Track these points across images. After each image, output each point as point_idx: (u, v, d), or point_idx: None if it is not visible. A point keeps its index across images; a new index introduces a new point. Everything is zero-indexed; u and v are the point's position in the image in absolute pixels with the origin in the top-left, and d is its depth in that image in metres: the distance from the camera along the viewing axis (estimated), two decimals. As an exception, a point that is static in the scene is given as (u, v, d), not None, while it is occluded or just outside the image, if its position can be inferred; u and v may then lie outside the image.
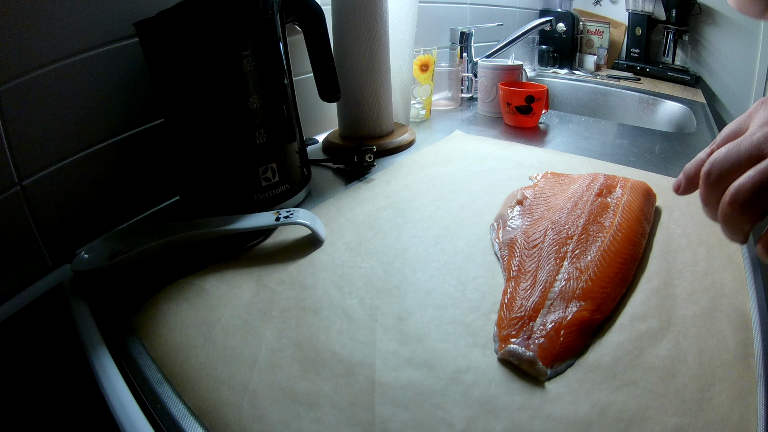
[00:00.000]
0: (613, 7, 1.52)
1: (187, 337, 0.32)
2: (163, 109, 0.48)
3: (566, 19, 1.42)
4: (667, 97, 1.09)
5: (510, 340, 0.30)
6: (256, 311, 0.34)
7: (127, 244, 0.40)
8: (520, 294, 0.34)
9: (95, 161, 0.46)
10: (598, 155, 0.64)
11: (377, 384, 0.28)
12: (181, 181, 0.51)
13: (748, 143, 0.26)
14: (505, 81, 0.84)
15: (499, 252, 0.40)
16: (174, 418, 0.26)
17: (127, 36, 0.46)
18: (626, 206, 0.42)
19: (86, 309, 0.35)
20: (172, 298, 0.36)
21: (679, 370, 0.28)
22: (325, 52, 0.54)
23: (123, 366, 0.30)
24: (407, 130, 0.73)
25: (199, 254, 0.41)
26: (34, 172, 0.41)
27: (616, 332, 0.31)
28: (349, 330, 0.32)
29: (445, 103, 0.97)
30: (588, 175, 0.50)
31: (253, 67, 0.43)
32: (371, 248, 0.42)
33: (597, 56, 1.47)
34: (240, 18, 0.42)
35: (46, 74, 0.40)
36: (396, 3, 0.70)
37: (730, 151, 0.26)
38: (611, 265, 0.36)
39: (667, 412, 0.25)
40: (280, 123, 0.48)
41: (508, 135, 0.76)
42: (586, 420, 0.25)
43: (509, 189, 0.52)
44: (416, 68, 0.80)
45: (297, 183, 0.51)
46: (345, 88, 0.63)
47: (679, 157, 0.65)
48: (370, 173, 0.60)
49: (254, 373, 0.28)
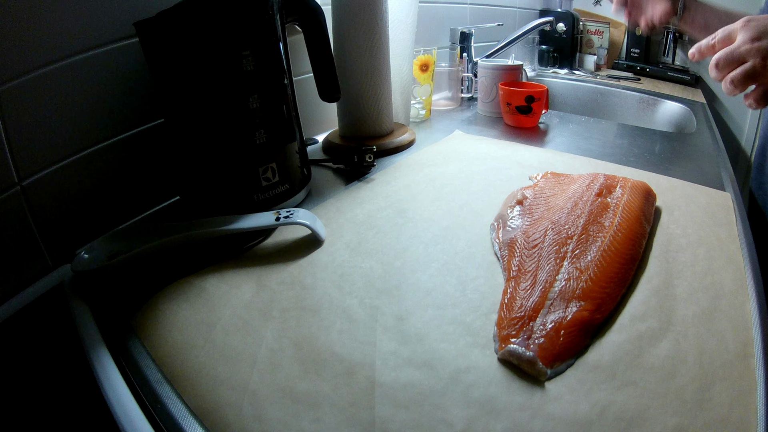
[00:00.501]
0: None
1: (187, 337, 0.32)
2: (163, 109, 0.48)
3: (566, 19, 1.42)
4: (667, 97, 1.09)
5: (510, 340, 0.30)
6: (256, 311, 0.34)
7: (127, 244, 0.40)
8: (520, 294, 0.34)
9: (95, 161, 0.46)
10: (598, 155, 0.64)
11: (377, 384, 0.28)
12: (181, 181, 0.51)
13: (738, 53, 0.48)
14: (505, 81, 0.84)
15: (499, 252, 0.40)
16: (174, 418, 0.26)
17: (127, 36, 0.46)
18: (626, 206, 0.42)
19: (86, 309, 0.35)
20: (172, 298, 0.36)
21: (679, 370, 0.28)
22: (325, 52, 0.54)
23: (123, 366, 0.30)
24: (407, 130, 0.73)
25: (199, 254, 0.41)
26: (34, 172, 0.41)
27: (616, 332, 0.31)
28: (349, 330, 0.32)
29: (445, 103, 0.97)
30: (588, 175, 0.50)
31: (253, 67, 0.43)
32: (371, 248, 0.42)
33: (597, 56, 1.47)
34: (240, 18, 0.42)
35: (46, 74, 0.40)
36: (396, 3, 0.70)
37: (728, 54, 0.49)
38: (611, 265, 0.36)
39: (667, 412, 0.25)
40: (280, 123, 0.48)
41: (508, 135, 0.76)
42: (586, 420, 0.25)
43: (509, 189, 0.52)
44: (416, 68, 0.80)
45: (297, 183, 0.51)
46: (345, 88, 0.63)
47: (679, 157, 0.65)
48: (370, 173, 0.60)
49: (254, 373, 0.28)
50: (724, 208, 0.47)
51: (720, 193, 0.51)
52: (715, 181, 0.55)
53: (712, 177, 0.57)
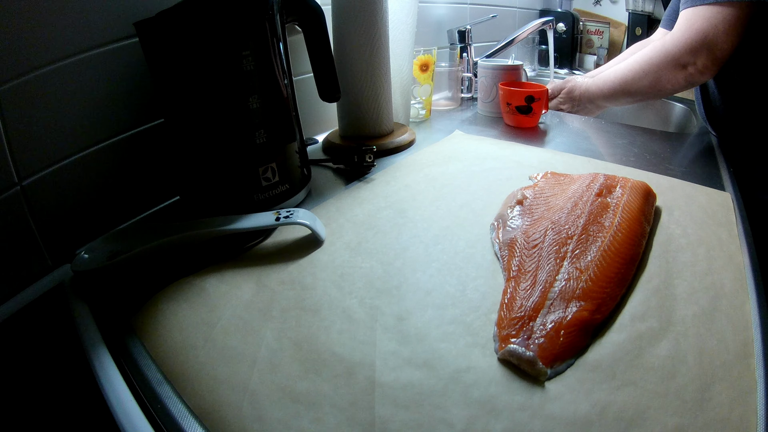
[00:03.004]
0: (613, 7, 1.52)
1: (187, 337, 0.32)
2: (163, 109, 0.48)
3: (566, 19, 1.42)
4: (667, 97, 1.09)
5: (510, 340, 0.30)
6: (256, 311, 0.34)
7: (127, 244, 0.40)
8: (520, 294, 0.34)
9: (95, 161, 0.46)
10: (598, 155, 0.64)
11: (377, 384, 0.28)
12: (181, 181, 0.51)
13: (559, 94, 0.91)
14: (505, 81, 0.84)
15: (499, 252, 0.40)
16: (174, 418, 0.26)
17: (127, 36, 0.46)
18: (626, 206, 0.42)
19: (86, 309, 0.35)
20: (172, 298, 0.36)
21: (679, 370, 0.28)
22: (325, 52, 0.54)
23: (123, 366, 0.30)
24: (407, 130, 0.73)
25: (199, 254, 0.41)
26: (34, 172, 0.41)
27: (616, 332, 0.31)
28: (349, 330, 0.32)
29: (445, 103, 0.97)
30: (588, 175, 0.50)
31: (253, 67, 0.43)
32: (371, 248, 0.42)
33: (597, 56, 1.47)
34: (240, 18, 0.41)
35: (46, 74, 0.40)
36: (396, 3, 0.70)
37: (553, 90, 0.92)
38: (611, 265, 0.36)
39: (667, 412, 0.25)
40: (280, 123, 0.48)
41: (508, 135, 0.76)
42: (586, 420, 0.25)
43: (509, 189, 0.52)
44: (416, 68, 0.80)
45: (297, 183, 0.51)
46: (345, 88, 0.63)
47: (679, 157, 0.65)
48: (370, 173, 0.60)
49: (254, 373, 0.28)
50: (724, 208, 0.47)
51: (720, 193, 0.51)
52: (715, 181, 0.55)
53: (712, 177, 0.57)
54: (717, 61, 0.62)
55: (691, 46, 0.63)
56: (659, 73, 0.69)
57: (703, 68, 0.64)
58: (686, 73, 0.66)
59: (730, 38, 0.60)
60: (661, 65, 0.69)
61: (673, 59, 0.66)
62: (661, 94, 0.73)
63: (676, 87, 0.69)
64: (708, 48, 0.62)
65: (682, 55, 0.65)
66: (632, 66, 0.74)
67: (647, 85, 0.72)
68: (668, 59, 0.67)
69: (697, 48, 0.63)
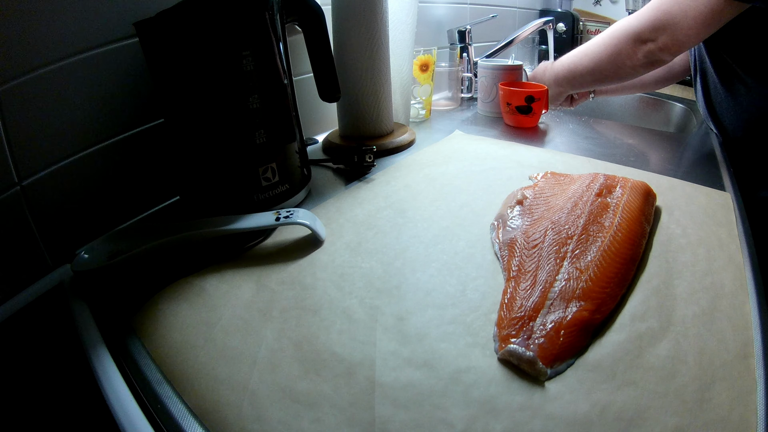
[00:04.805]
0: (613, 7, 1.52)
1: (187, 337, 0.32)
2: (163, 109, 0.48)
3: (566, 19, 1.42)
4: (667, 97, 1.09)
5: (510, 340, 0.30)
6: (256, 311, 0.34)
7: (127, 244, 0.40)
8: (520, 294, 0.34)
9: (95, 161, 0.46)
10: (598, 155, 0.64)
11: (377, 384, 0.28)
12: (181, 181, 0.51)
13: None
14: (505, 81, 0.84)
15: (499, 252, 0.40)
16: (174, 418, 0.26)
17: (127, 36, 0.46)
18: (626, 206, 0.42)
19: (86, 309, 0.35)
20: (172, 298, 0.36)
21: (679, 370, 0.28)
22: (325, 52, 0.54)
23: (123, 366, 0.30)
24: (407, 130, 0.73)
25: (199, 254, 0.41)
26: (34, 172, 0.41)
27: (616, 332, 0.31)
28: (349, 330, 0.32)
29: (445, 103, 0.97)
30: (588, 175, 0.50)
31: (253, 67, 0.43)
32: (371, 248, 0.42)
33: (597, 56, 1.47)
34: (240, 18, 0.41)
35: (46, 74, 0.40)
36: (396, 3, 0.70)
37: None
38: (611, 265, 0.36)
39: (667, 412, 0.25)
40: (280, 123, 0.48)
41: (508, 135, 0.76)
42: (586, 420, 0.25)
43: (509, 189, 0.52)
44: (416, 68, 0.80)
45: (297, 183, 0.51)
46: (345, 88, 0.63)
47: (679, 157, 0.65)
48: (370, 173, 0.60)
49: (254, 373, 0.28)
50: (724, 208, 0.47)
51: (720, 193, 0.51)
52: (715, 181, 0.55)
53: (712, 177, 0.57)
54: (678, 43, 0.60)
55: (653, 23, 0.62)
56: (619, 46, 0.68)
57: (663, 46, 0.62)
58: (645, 50, 0.64)
59: (698, 27, 0.58)
60: (621, 38, 0.67)
61: (634, 33, 0.65)
62: (621, 72, 0.71)
63: (635, 64, 0.67)
64: (672, 28, 0.60)
65: (644, 31, 0.63)
66: (595, 40, 0.73)
67: (606, 59, 0.71)
68: (629, 33, 0.66)
69: (659, 26, 0.61)
